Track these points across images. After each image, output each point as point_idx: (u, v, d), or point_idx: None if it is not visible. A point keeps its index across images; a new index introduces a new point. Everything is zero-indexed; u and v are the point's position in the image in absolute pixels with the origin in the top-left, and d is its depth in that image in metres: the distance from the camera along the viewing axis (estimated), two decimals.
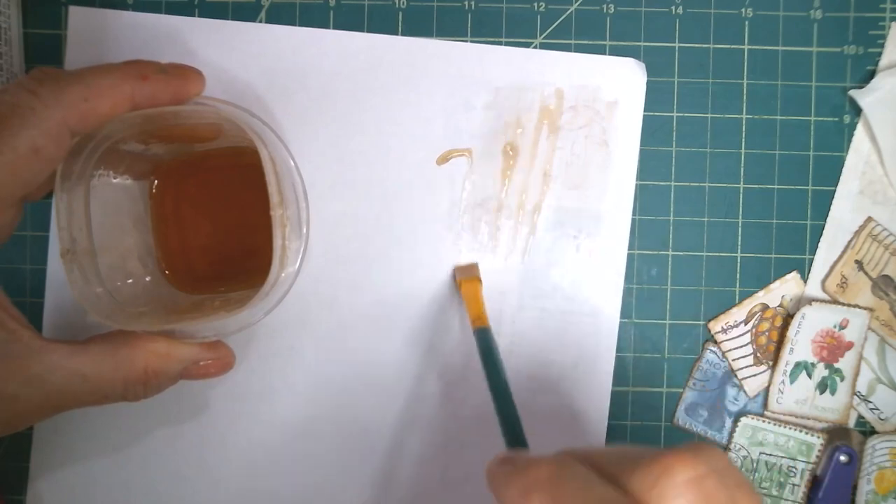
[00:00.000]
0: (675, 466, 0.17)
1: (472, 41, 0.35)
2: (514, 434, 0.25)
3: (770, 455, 0.35)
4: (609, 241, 0.35)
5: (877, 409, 0.35)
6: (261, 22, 0.34)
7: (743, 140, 0.35)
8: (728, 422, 0.35)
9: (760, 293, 0.35)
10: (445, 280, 0.34)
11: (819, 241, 0.35)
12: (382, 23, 0.35)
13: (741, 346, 0.35)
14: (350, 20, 0.34)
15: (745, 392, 0.35)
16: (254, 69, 0.34)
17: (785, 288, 0.35)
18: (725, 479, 0.17)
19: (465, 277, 0.34)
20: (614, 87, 0.34)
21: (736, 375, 0.35)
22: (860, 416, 0.36)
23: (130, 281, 0.31)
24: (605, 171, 0.35)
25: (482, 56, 0.34)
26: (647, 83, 0.35)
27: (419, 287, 0.34)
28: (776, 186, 0.35)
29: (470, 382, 0.35)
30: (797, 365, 0.35)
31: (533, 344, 0.35)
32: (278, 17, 0.34)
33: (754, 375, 0.35)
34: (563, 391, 0.35)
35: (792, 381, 0.35)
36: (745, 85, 0.35)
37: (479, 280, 0.34)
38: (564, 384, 0.35)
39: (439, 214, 0.34)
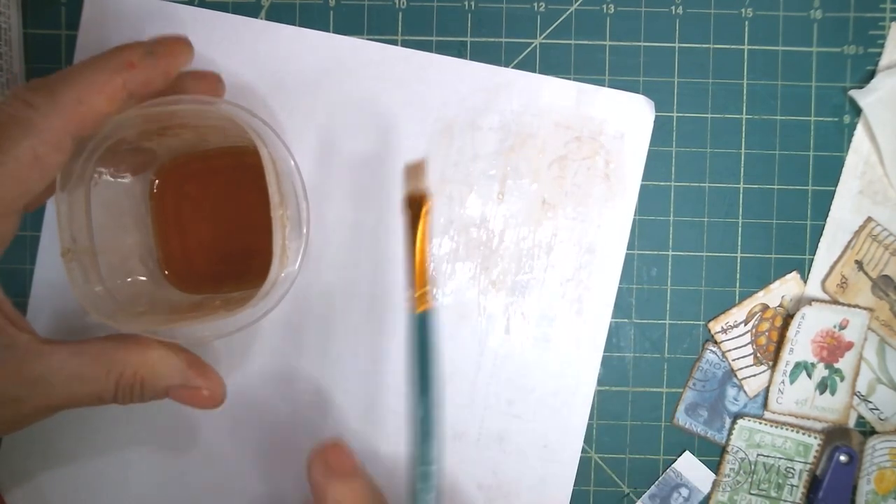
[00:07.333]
0: None
1: (472, 41, 0.35)
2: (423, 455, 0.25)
3: (767, 456, 0.35)
4: (599, 276, 0.35)
5: (877, 409, 0.35)
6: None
7: (743, 140, 0.35)
8: (728, 422, 0.35)
9: (760, 293, 0.35)
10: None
11: (819, 241, 0.35)
12: (382, 23, 0.34)
13: (741, 347, 0.35)
14: (350, 20, 0.34)
15: (745, 392, 0.35)
16: (265, 69, 0.34)
17: (785, 288, 0.35)
18: None
19: (414, 192, 0.26)
20: (621, 122, 0.34)
21: (736, 375, 0.35)
22: (860, 416, 0.36)
23: (130, 280, 0.31)
24: (604, 206, 0.34)
25: (494, 78, 0.34)
26: (647, 83, 0.35)
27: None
28: (776, 186, 0.35)
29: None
30: (797, 365, 0.35)
31: (515, 368, 0.35)
32: (278, 16, 0.34)
33: (754, 375, 0.35)
34: (539, 418, 0.35)
35: (792, 382, 0.35)
36: (745, 85, 0.35)
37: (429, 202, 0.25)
38: (542, 411, 0.35)
39: (435, 230, 0.34)
